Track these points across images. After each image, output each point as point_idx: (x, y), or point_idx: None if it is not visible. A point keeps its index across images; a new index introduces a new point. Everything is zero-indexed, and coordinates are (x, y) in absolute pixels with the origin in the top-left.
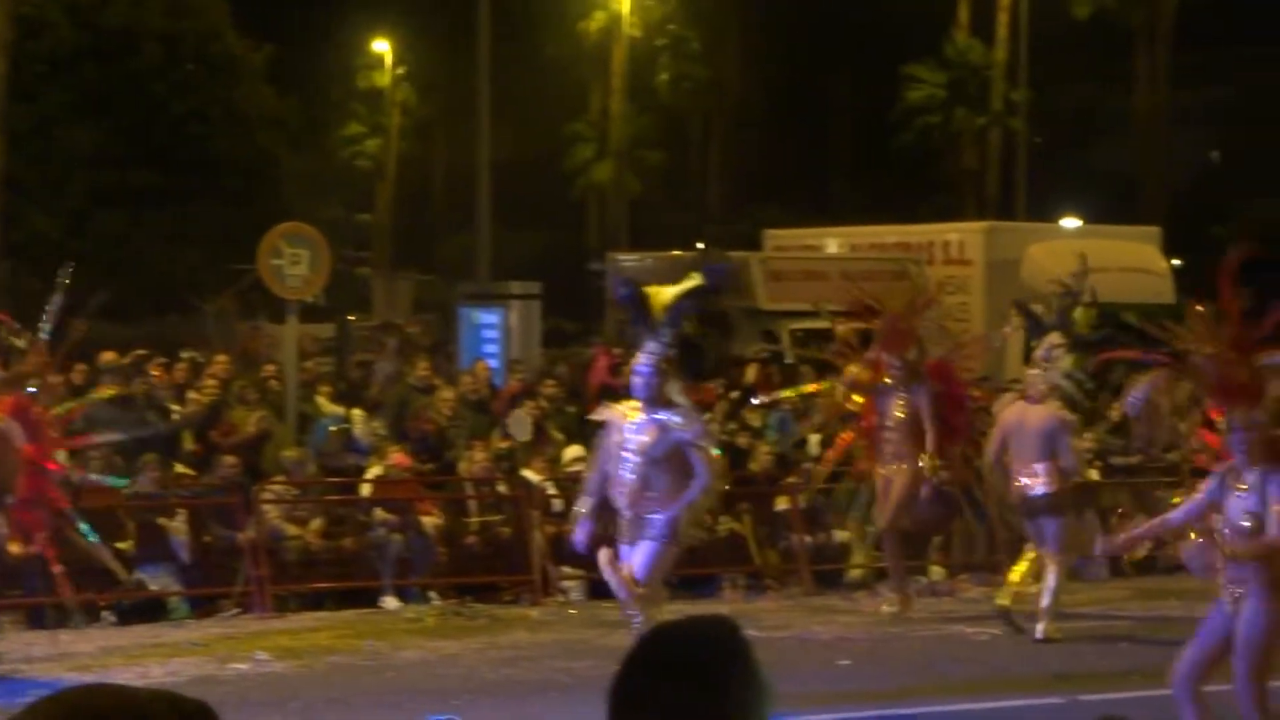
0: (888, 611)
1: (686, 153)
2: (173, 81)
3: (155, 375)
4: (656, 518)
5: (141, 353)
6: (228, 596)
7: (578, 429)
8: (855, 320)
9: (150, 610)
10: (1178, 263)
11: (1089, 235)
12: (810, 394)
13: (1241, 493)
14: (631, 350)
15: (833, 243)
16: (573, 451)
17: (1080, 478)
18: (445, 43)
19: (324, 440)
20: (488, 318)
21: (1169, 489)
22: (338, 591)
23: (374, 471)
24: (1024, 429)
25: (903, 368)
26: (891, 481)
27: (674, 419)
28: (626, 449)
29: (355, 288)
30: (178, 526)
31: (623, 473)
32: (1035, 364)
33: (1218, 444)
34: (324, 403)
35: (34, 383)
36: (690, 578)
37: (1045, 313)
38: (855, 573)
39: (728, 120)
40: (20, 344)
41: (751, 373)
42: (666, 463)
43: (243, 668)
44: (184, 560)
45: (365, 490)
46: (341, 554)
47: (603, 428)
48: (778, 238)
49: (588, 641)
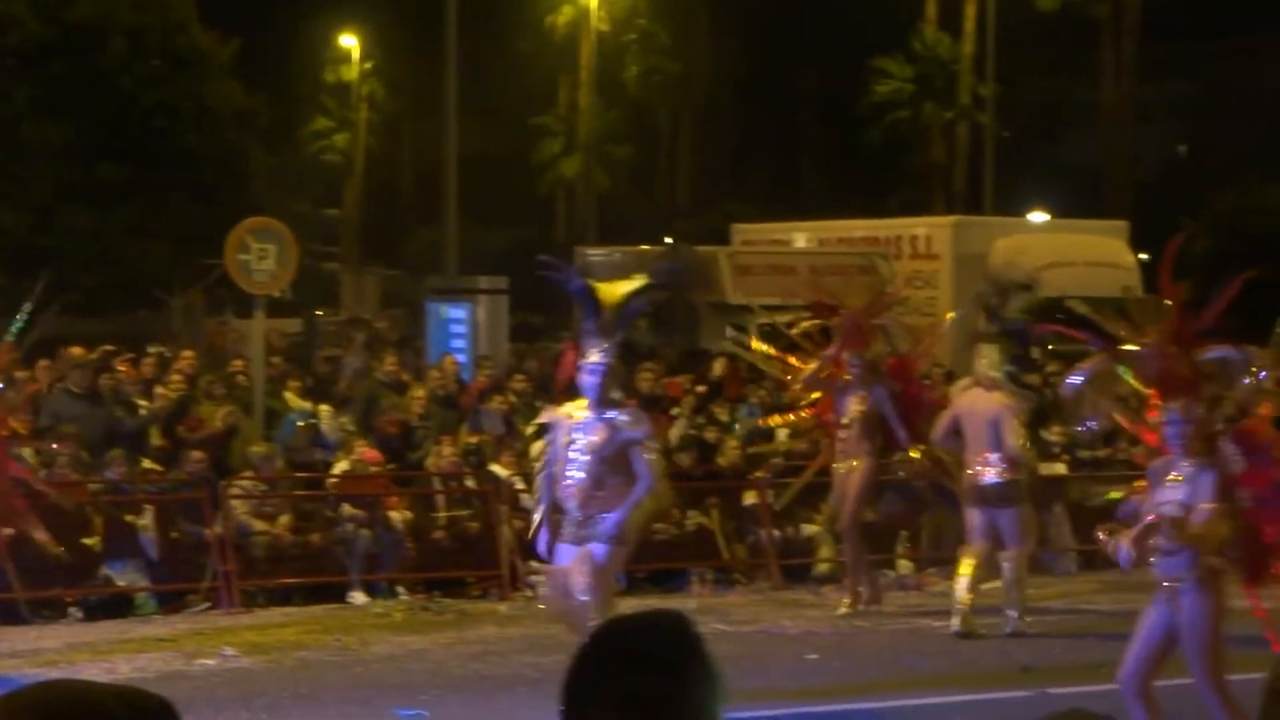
0: (844, 612)
1: (655, 147)
2: (139, 76)
3: (122, 370)
4: (605, 519)
5: (108, 348)
6: (195, 592)
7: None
8: (816, 317)
9: (117, 606)
10: (1145, 256)
11: (1057, 229)
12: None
13: (1174, 484)
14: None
15: (801, 237)
16: (541, 446)
17: (1027, 466)
18: (413, 37)
19: (291, 435)
20: (455, 312)
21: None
22: (305, 587)
23: (341, 467)
24: (974, 415)
25: (862, 366)
26: (848, 479)
27: (622, 418)
28: (575, 449)
29: (323, 283)
30: (145, 522)
31: (571, 473)
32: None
33: (1155, 440)
34: (292, 398)
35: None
36: (659, 572)
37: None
38: (823, 567)
39: (696, 115)
40: None
41: (719, 367)
42: (615, 463)
43: (210, 663)
44: (151, 556)
45: (333, 485)
46: (309, 549)
47: (548, 429)
48: (746, 232)
49: (555, 636)
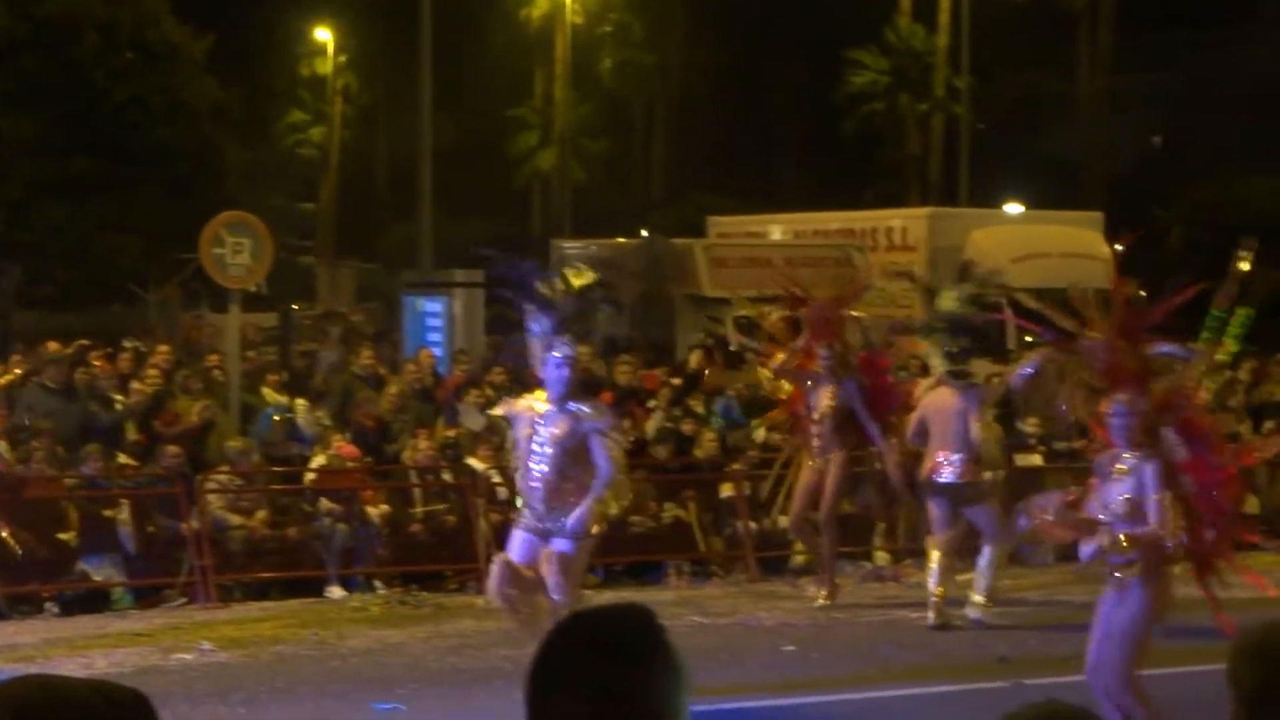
0: (821, 604)
1: (630, 139)
2: (112, 70)
3: (97, 365)
4: (570, 514)
5: (83, 343)
6: (172, 587)
7: None
8: (785, 308)
9: (94, 601)
10: (1120, 247)
11: (1032, 220)
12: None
13: (1120, 477)
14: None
15: (776, 229)
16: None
17: (989, 460)
18: (387, 30)
19: (267, 430)
20: (431, 306)
21: None
22: (282, 581)
23: (319, 461)
24: (941, 411)
25: (831, 358)
26: (820, 474)
27: (584, 409)
28: (538, 441)
29: (298, 277)
30: (122, 517)
31: (535, 465)
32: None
33: (1104, 434)
34: (268, 392)
35: None
36: (635, 565)
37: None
38: (799, 559)
39: (671, 107)
40: None
41: (695, 359)
42: (578, 454)
43: (187, 658)
44: (128, 551)
45: (309, 480)
46: (286, 544)
47: (509, 422)
48: (721, 224)
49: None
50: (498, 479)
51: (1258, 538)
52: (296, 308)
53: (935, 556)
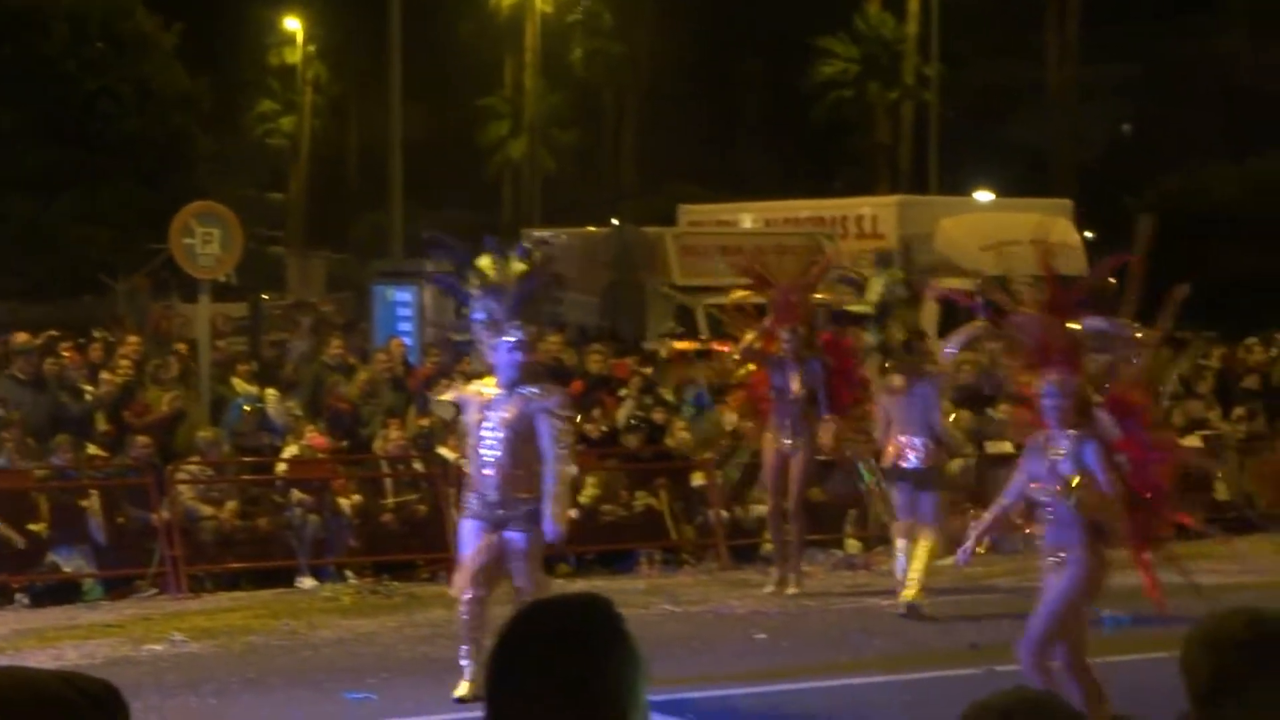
0: (793, 591)
1: (600, 128)
2: (82, 60)
3: (67, 356)
4: (524, 503)
5: (53, 333)
6: (142, 577)
7: None
8: (749, 291)
9: (64, 592)
10: (1089, 235)
11: (1001, 208)
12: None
13: (1056, 458)
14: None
15: (747, 218)
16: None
17: (950, 447)
18: (357, 20)
19: (238, 420)
20: (402, 295)
21: None
22: (253, 571)
23: (290, 451)
24: (898, 399)
25: (794, 340)
26: (786, 456)
27: (533, 391)
28: (488, 426)
29: (268, 267)
30: (92, 506)
31: (486, 452)
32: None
33: (1031, 417)
34: (239, 382)
35: None
36: (607, 553)
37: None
38: (770, 547)
39: (641, 96)
40: None
41: (665, 350)
42: (530, 437)
43: (158, 649)
44: (99, 542)
45: (280, 470)
46: (257, 534)
47: (459, 411)
48: (692, 213)
49: (504, 618)
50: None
51: (1191, 520)
52: (266, 298)
53: (901, 544)
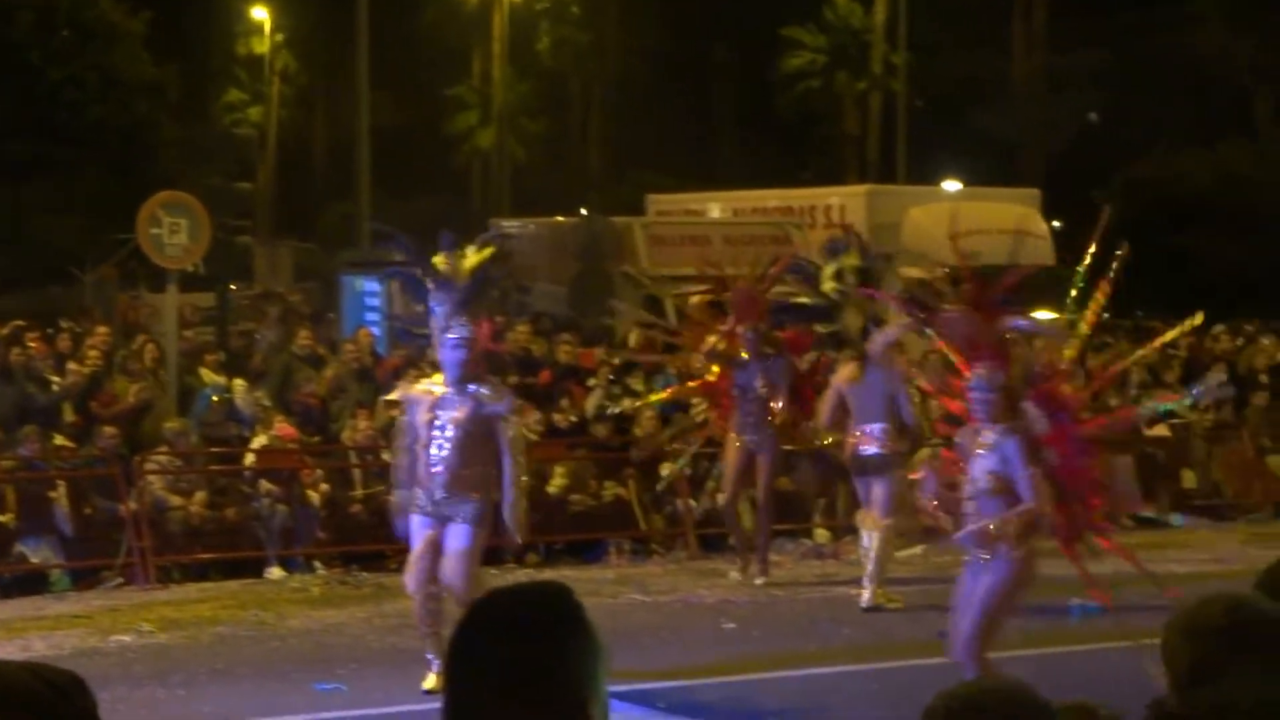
0: (760, 582)
1: (568, 118)
2: (48, 49)
3: (34, 346)
4: (471, 501)
5: (19, 323)
6: (110, 568)
7: None
8: (708, 293)
9: (31, 583)
10: (1057, 225)
11: (969, 198)
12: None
13: (983, 452)
14: (510, 317)
15: (715, 207)
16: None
17: (913, 435)
18: (324, 9)
19: (206, 410)
20: (370, 285)
21: None
22: (222, 562)
23: (259, 442)
24: (856, 389)
25: (755, 338)
26: (750, 453)
27: (484, 391)
28: (438, 426)
29: (236, 256)
30: (59, 496)
31: (436, 450)
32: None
33: (958, 408)
34: (206, 373)
35: None
36: (576, 543)
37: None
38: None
39: (609, 85)
40: None
41: (634, 338)
42: (480, 438)
43: (126, 639)
44: (66, 533)
45: (249, 460)
46: (225, 525)
47: (403, 409)
48: (660, 202)
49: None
50: None
51: (1123, 509)
52: (234, 288)
53: (880, 536)
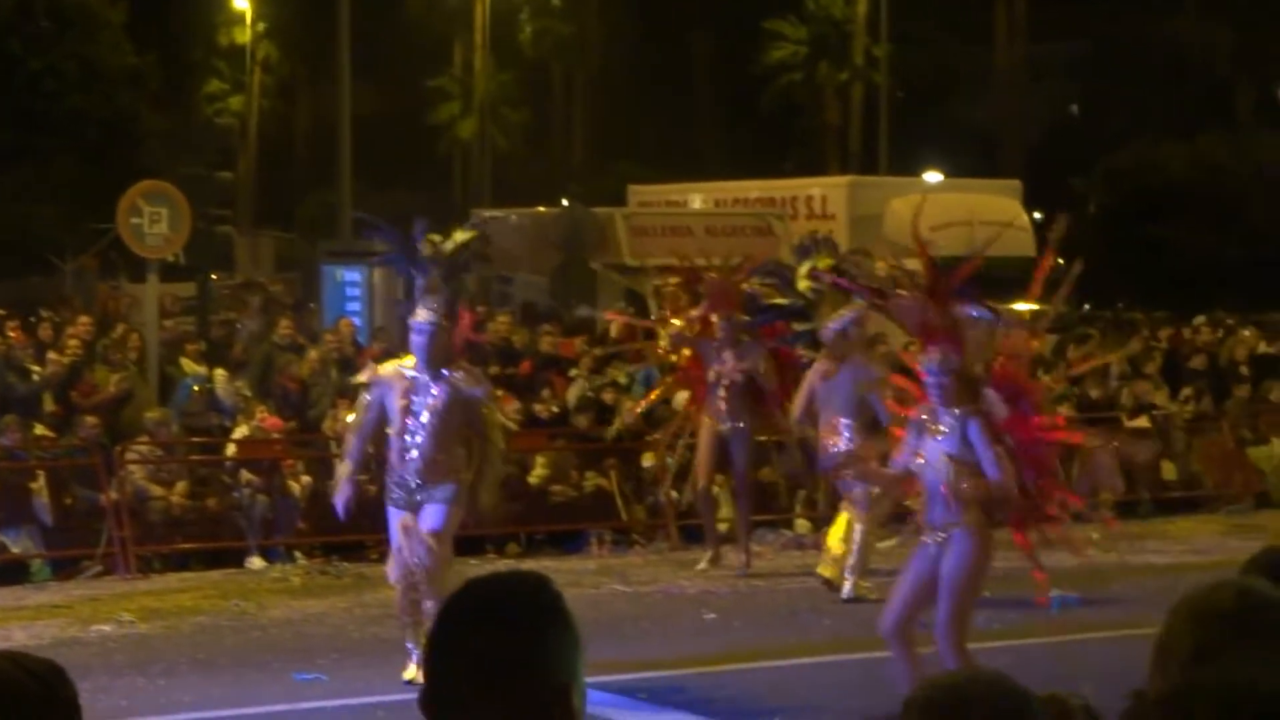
0: (702, 568)
1: (550, 108)
2: (27, 38)
3: (14, 335)
4: (445, 484)
5: None
6: (90, 558)
7: None
8: (681, 285)
9: (11, 573)
10: (1038, 215)
11: (951, 189)
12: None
13: (940, 436)
14: (490, 307)
15: (697, 198)
16: (360, 406)
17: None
18: None
19: (186, 400)
20: (350, 275)
21: None
22: (202, 552)
23: (241, 432)
24: (832, 384)
25: (730, 328)
26: (724, 440)
27: (457, 376)
28: (414, 410)
29: (217, 246)
30: (39, 488)
31: (410, 436)
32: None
33: (914, 388)
34: (187, 363)
35: None
36: (557, 534)
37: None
38: (722, 527)
39: (590, 76)
40: None
41: (615, 328)
42: (454, 424)
43: (106, 629)
44: (45, 522)
45: (230, 450)
46: (206, 514)
47: (369, 389)
48: (641, 193)
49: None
50: None
51: (1079, 500)
52: (215, 277)
53: (861, 529)
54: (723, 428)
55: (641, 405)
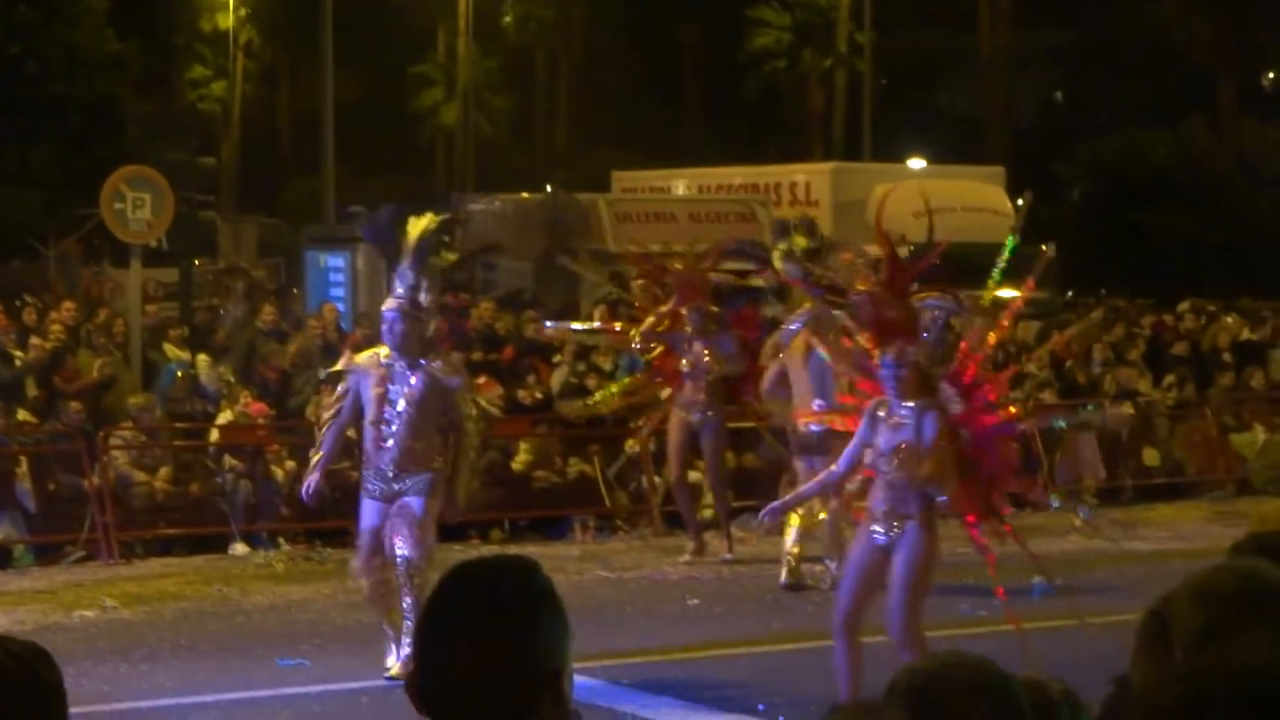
0: (687, 560)
1: (533, 95)
2: (8, 23)
3: None
4: (422, 473)
5: None
6: (74, 544)
7: None
8: (648, 278)
9: None
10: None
11: (935, 175)
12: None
13: (896, 427)
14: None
15: (680, 184)
16: (336, 394)
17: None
18: None
19: (170, 386)
20: (334, 261)
21: None
22: (186, 538)
23: (225, 417)
24: (805, 369)
25: (700, 317)
26: (695, 431)
27: (435, 365)
28: (390, 399)
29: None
30: (22, 473)
31: (386, 425)
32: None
33: (873, 388)
34: (170, 348)
35: None
36: (541, 519)
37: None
38: (705, 513)
39: (574, 62)
40: None
41: (598, 314)
42: (431, 413)
43: (89, 615)
44: (29, 508)
45: (213, 436)
46: (189, 500)
47: (345, 377)
48: (625, 180)
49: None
50: None
51: (1035, 491)
52: (198, 263)
53: (797, 515)
54: (693, 419)
55: (614, 403)
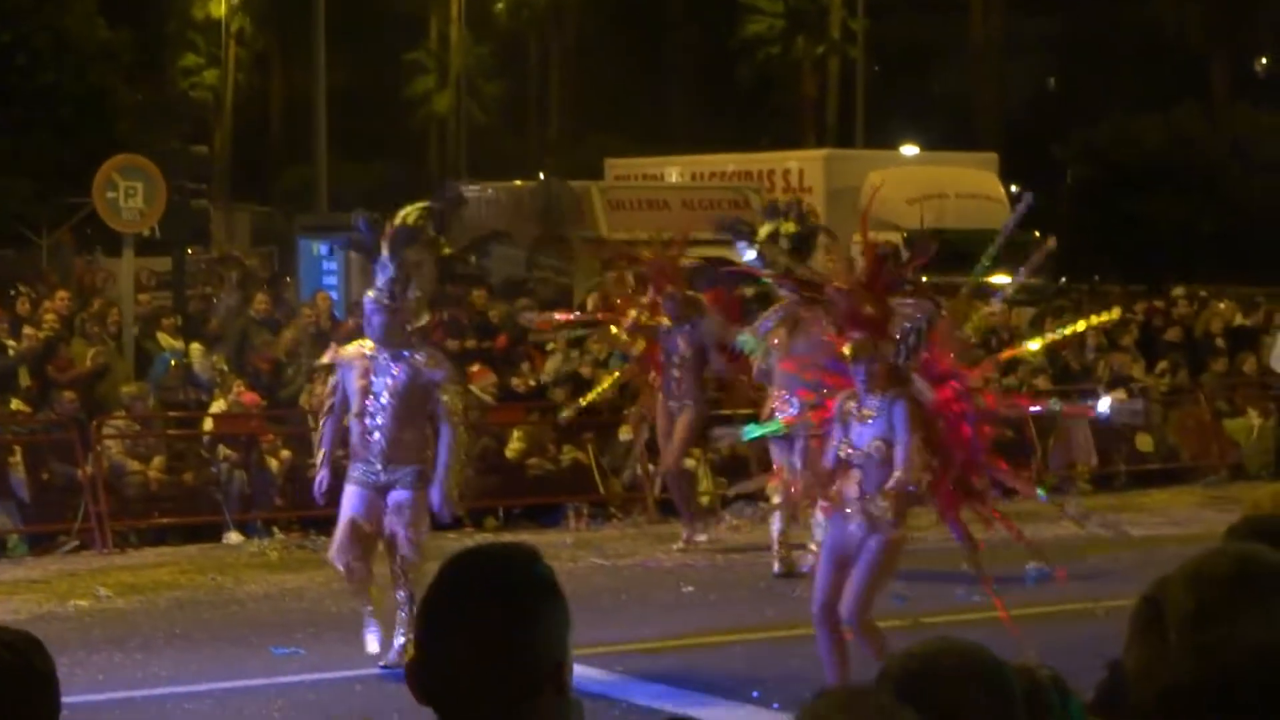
0: (702, 539)
1: (526, 82)
2: None
3: None
4: (411, 466)
5: None
6: (68, 533)
7: None
8: (623, 268)
9: None
10: (1015, 188)
11: (928, 162)
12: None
13: (868, 420)
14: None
15: (674, 171)
16: (328, 388)
17: None
18: None
19: (163, 375)
20: (327, 249)
21: None
22: (180, 527)
23: (218, 406)
24: (786, 354)
25: (674, 303)
26: (676, 419)
27: (419, 357)
28: (374, 390)
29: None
30: (15, 463)
31: (370, 417)
32: None
33: (845, 383)
34: (164, 337)
35: None
36: (534, 507)
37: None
38: (704, 499)
39: (567, 49)
40: None
41: (592, 302)
42: (416, 405)
43: (84, 604)
44: (23, 498)
45: (207, 425)
46: (183, 489)
47: (333, 370)
48: (618, 166)
49: (430, 573)
50: None
51: (1013, 477)
52: (191, 251)
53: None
54: (672, 405)
55: (594, 395)
